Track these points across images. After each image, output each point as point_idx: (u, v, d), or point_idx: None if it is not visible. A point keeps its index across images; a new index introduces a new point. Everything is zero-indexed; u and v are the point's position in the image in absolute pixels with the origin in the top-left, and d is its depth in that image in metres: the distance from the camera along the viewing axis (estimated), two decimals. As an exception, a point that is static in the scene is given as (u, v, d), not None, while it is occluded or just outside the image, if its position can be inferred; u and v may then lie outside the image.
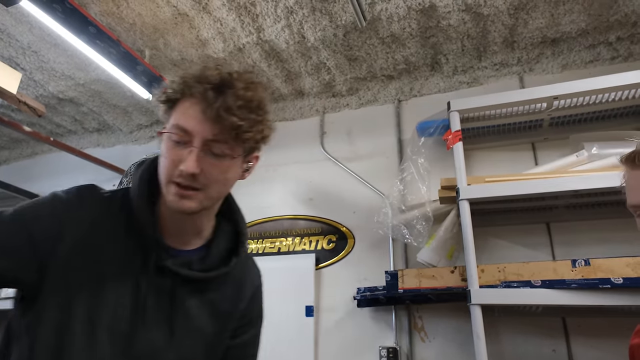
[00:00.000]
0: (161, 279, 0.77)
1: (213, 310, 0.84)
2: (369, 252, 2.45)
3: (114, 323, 0.71)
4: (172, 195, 0.73)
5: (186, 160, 0.70)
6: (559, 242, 2.09)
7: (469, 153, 2.32)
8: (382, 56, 2.51)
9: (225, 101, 0.71)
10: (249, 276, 0.95)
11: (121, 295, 0.73)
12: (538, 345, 1.97)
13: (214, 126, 0.71)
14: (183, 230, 0.81)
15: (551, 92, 1.89)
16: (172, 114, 0.75)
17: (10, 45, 2.49)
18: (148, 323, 0.74)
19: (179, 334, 0.78)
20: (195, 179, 0.71)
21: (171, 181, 0.73)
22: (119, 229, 0.76)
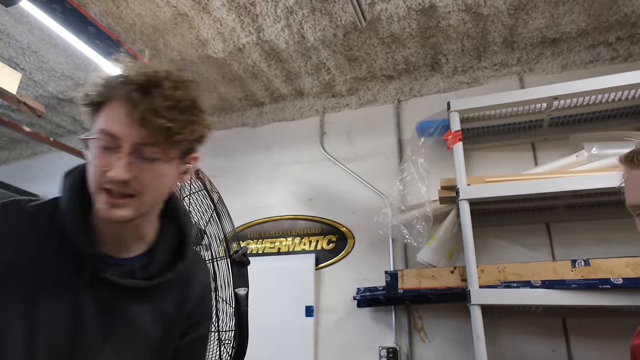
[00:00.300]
0: (100, 290, 0.73)
1: (158, 315, 0.81)
2: (369, 252, 2.45)
3: (53, 342, 0.68)
4: (103, 203, 0.69)
5: (115, 167, 0.66)
6: (559, 243, 2.09)
7: (468, 153, 2.32)
8: (382, 56, 2.51)
9: (152, 102, 0.67)
10: (197, 277, 0.91)
11: (58, 313, 0.70)
12: (538, 345, 1.97)
13: (142, 129, 0.67)
14: (122, 238, 0.78)
15: (551, 92, 1.89)
16: (98, 118, 0.71)
17: (10, 46, 2.49)
18: (88, 337, 0.72)
19: (122, 344, 0.76)
20: (127, 185, 0.68)
21: (101, 188, 0.69)
22: (51, 244, 0.72)
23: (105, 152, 0.68)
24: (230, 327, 1.27)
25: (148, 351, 0.80)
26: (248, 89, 2.87)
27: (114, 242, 0.77)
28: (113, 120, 0.68)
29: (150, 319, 0.80)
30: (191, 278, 0.89)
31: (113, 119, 0.68)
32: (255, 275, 1.54)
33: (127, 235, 0.78)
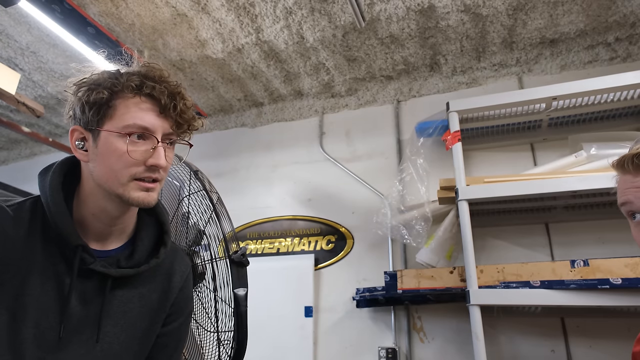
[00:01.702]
0: (88, 282, 0.76)
1: (145, 303, 0.84)
2: (368, 252, 2.45)
3: (40, 333, 0.70)
4: (139, 191, 0.73)
5: (155, 156, 0.73)
6: (558, 243, 2.09)
7: (468, 153, 2.32)
8: (381, 57, 2.51)
9: (171, 96, 0.75)
10: (179, 266, 0.94)
11: (46, 305, 0.71)
12: (537, 345, 1.97)
13: (167, 120, 0.76)
14: (108, 230, 0.80)
15: (550, 92, 1.89)
16: (112, 114, 0.73)
17: (9, 46, 2.49)
18: (78, 328, 0.73)
19: (112, 333, 0.78)
20: (163, 171, 0.76)
21: (135, 179, 0.73)
22: (34, 240, 0.73)
23: (138, 145, 0.73)
24: (230, 327, 1.27)
25: (136, 338, 0.82)
26: (247, 89, 2.87)
27: (97, 235, 0.79)
28: (141, 115, 0.73)
29: (138, 307, 0.82)
30: (174, 267, 0.92)
31: (142, 114, 0.73)
32: (255, 275, 1.54)
33: (116, 226, 0.80)
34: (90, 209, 0.77)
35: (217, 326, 1.33)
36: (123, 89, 0.73)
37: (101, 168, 0.74)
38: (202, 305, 1.41)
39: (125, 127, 0.72)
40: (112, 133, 0.72)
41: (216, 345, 1.32)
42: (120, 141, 0.72)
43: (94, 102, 0.73)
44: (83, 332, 0.74)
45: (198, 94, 2.92)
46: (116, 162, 0.73)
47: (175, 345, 0.95)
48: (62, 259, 0.74)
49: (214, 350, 1.33)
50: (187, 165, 1.52)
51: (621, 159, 0.78)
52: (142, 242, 0.84)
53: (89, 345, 0.74)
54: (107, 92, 0.73)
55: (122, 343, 0.79)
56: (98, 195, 0.76)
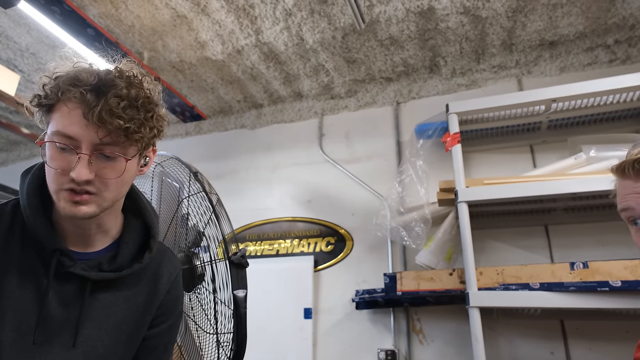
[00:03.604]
0: (68, 285, 0.74)
1: (130, 306, 0.82)
2: (368, 254, 2.45)
3: (20, 339, 0.69)
4: (65, 202, 0.69)
5: (77, 168, 0.67)
6: (557, 245, 2.09)
7: (467, 155, 2.32)
8: (381, 58, 2.52)
9: (107, 103, 0.67)
10: (166, 268, 0.91)
11: (23, 310, 0.70)
12: (536, 347, 1.97)
13: (100, 130, 0.68)
14: (86, 233, 0.78)
15: (549, 94, 1.90)
16: (51, 119, 0.70)
17: (9, 48, 2.49)
18: (59, 331, 0.73)
19: (94, 336, 0.77)
20: (89, 184, 0.69)
21: (61, 189, 0.69)
22: (13, 243, 0.73)
23: (63, 154, 0.68)
24: (229, 329, 1.26)
25: (121, 342, 0.81)
26: (247, 90, 2.87)
27: (78, 237, 0.77)
28: (70, 122, 0.67)
29: (122, 310, 0.81)
30: (161, 270, 0.89)
31: (70, 121, 0.67)
32: (254, 277, 1.54)
33: (92, 230, 0.78)
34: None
35: (217, 328, 1.33)
36: (65, 92, 0.68)
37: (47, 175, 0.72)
38: (201, 307, 1.41)
39: (52, 134, 0.69)
40: (48, 139, 0.69)
41: (215, 347, 1.32)
42: (49, 149, 0.69)
43: (38, 107, 0.71)
44: (63, 336, 0.73)
45: (198, 95, 2.92)
46: (47, 171, 0.71)
47: (164, 347, 0.93)
48: (40, 262, 0.73)
49: (214, 351, 1.32)
50: (187, 167, 1.51)
51: (621, 164, 0.77)
52: (126, 245, 0.81)
53: (69, 349, 0.73)
54: (48, 97, 0.70)
55: (106, 346, 0.78)
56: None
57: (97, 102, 0.67)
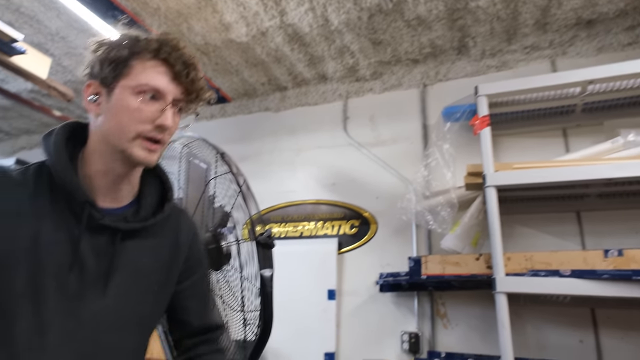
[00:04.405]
0: (99, 236, 0.78)
1: (156, 256, 0.86)
2: (392, 238, 2.43)
3: (57, 285, 0.72)
4: (142, 149, 0.77)
5: (167, 116, 0.77)
6: (590, 232, 2.03)
7: (496, 139, 2.25)
8: (408, 39, 2.46)
9: (184, 64, 0.79)
10: (185, 224, 0.96)
11: (59, 259, 0.74)
12: (565, 335, 1.93)
13: (179, 86, 0.79)
14: (117, 188, 0.82)
15: (586, 76, 1.82)
16: (128, 73, 0.77)
17: (40, 32, 2.54)
18: (92, 283, 0.76)
19: (125, 287, 0.80)
20: (167, 132, 0.78)
21: (140, 136, 0.76)
22: (42, 201, 0.75)
23: (148, 104, 0.77)
24: (256, 307, 1.29)
25: (152, 292, 0.85)
26: (271, 73, 2.86)
27: (106, 194, 0.81)
28: (155, 77, 0.77)
29: (151, 261, 0.85)
30: (180, 225, 0.94)
31: (154, 76, 0.77)
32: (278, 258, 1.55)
33: (123, 184, 0.82)
34: (95, 167, 0.79)
35: (243, 306, 1.35)
36: (142, 50, 0.77)
37: (110, 123, 0.77)
38: (228, 286, 1.44)
39: (140, 85, 0.76)
40: (126, 90, 0.76)
41: (242, 325, 1.34)
42: (132, 98, 0.76)
43: (112, 60, 0.77)
44: (96, 285, 0.76)
45: (222, 78, 2.93)
46: (126, 118, 0.76)
47: (203, 294, 0.99)
48: (71, 215, 0.76)
49: (240, 330, 1.35)
50: (214, 148, 1.53)
51: None
52: (146, 199, 0.87)
53: (102, 297, 0.77)
54: (127, 52, 0.77)
55: (137, 295, 0.82)
56: (103, 153, 0.79)
57: (176, 61, 0.78)
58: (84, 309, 0.75)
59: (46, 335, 0.70)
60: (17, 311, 0.69)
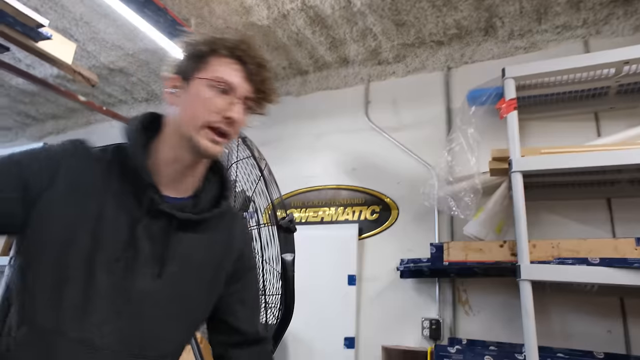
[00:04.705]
0: (156, 222, 0.80)
1: (208, 250, 0.88)
2: (414, 223, 2.41)
3: (111, 261, 0.75)
4: (208, 139, 0.81)
5: (236, 109, 0.81)
6: (621, 219, 1.96)
7: (523, 123, 2.18)
8: (432, 20, 2.38)
9: (257, 65, 0.84)
10: (239, 227, 0.98)
11: (117, 237, 0.77)
12: (592, 325, 1.89)
13: (249, 84, 0.84)
14: (180, 178, 0.86)
15: (621, 56, 1.73)
16: (205, 67, 0.83)
17: (64, 17, 2.57)
18: (144, 263, 0.78)
19: (178, 274, 0.82)
20: (234, 126, 0.82)
21: (208, 126, 0.80)
22: (112, 179, 0.80)
23: (220, 96, 0.81)
24: (278, 290, 1.29)
25: (203, 283, 0.87)
26: (292, 57, 2.83)
27: (169, 183, 0.84)
28: (230, 73, 0.82)
29: (203, 255, 0.87)
30: (235, 224, 0.97)
31: (229, 72, 0.82)
32: (299, 243, 1.55)
33: (188, 177, 0.86)
34: (164, 155, 0.84)
35: (265, 290, 1.36)
36: (219, 48, 0.83)
37: (184, 111, 0.83)
38: (250, 269, 1.45)
39: (214, 78, 0.82)
40: (201, 82, 0.82)
41: (263, 308, 1.36)
42: (206, 89, 0.81)
43: (192, 55, 0.84)
44: (149, 268, 0.79)
45: (243, 62, 2.92)
46: (198, 107, 0.81)
47: (251, 300, 1.00)
48: (134, 198, 0.80)
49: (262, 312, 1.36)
50: (235, 132, 1.52)
51: None
52: (205, 194, 0.89)
53: (154, 281, 0.79)
54: (206, 48, 0.83)
55: (187, 285, 0.84)
56: (174, 141, 0.83)
57: (250, 61, 0.84)
58: (133, 289, 0.77)
59: (92, 309, 0.73)
60: (69, 280, 0.72)
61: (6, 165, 0.75)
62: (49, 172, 0.75)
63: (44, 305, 0.71)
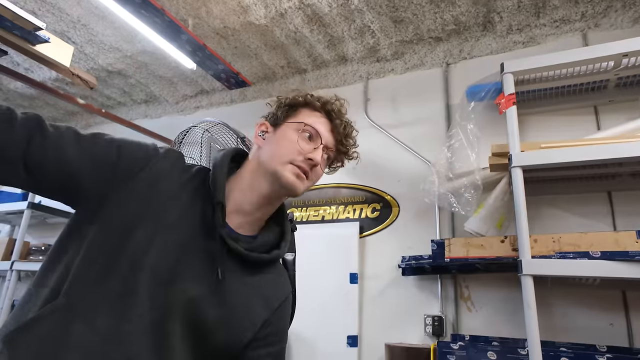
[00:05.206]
0: (210, 244, 0.81)
1: (252, 291, 0.87)
2: (414, 221, 2.41)
3: (159, 261, 0.76)
4: (291, 173, 0.86)
5: (318, 152, 0.88)
6: (622, 212, 1.96)
7: (523, 118, 2.18)
8: (430, 17, 2.38)
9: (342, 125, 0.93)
10: (284, 283, 0.97)
11: (173, 241, 0.78)
12: (594, 318, 1.89)
13: (332, 139, 0.92)
14: (248, 212, 0.88)
15: (620, 48, 1.72)
16: (296, 115, 0.92)
17: (62, 20, 2.57)
18: (186, 276, 0.78)
19: (216, 297, 0.81)
20: (315, 171, 0.88)
21: (292, 163, 0.86)
22: (189, 189, 0.85)
23: (306, 140, 0.89)
24: (279, 290, 1.29)
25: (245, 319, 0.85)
26: (290, 55, 2.83)
27: (236, 215, 0.88)
28: (319, 124, 0.91)
29: (245, 291, 0.86)
30: (281, 280, 0.96)
31: (319, 123, 0.91)
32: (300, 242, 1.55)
33: (255, 212, 0.89)
34: (241, 185, 0.89)
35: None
36: (312, 102, 0.92)
37: (270, 150, 0.89)
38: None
39: (303, 123, 0.90)
40: (291, 126, 0.90)
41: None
42: (294, 133, 0.89)
43: (287, 104, 0.93)
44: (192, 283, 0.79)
45: (242, 62, 2.92)
46: (284, 146, 0.88)
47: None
48: (200, 214, 0.83)
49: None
50: (234, 132, 1.52)
51: None
52: (262, 237, 0.91)
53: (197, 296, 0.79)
54: (300, 100, 0.93)
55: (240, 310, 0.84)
56: (256, 173, 0.89)
57: (336, 119, 0.92)
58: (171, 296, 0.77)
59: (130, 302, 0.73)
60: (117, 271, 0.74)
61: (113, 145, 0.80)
62: (140, 164, 0.81)
63: (88, 283, 0.72)
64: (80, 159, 0.76)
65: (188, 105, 3.47)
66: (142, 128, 3.00)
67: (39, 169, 0.73)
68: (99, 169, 0.78)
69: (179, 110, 3.51)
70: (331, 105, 0.94)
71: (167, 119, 3.55)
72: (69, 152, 0.75)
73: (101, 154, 0.79)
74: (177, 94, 3.43)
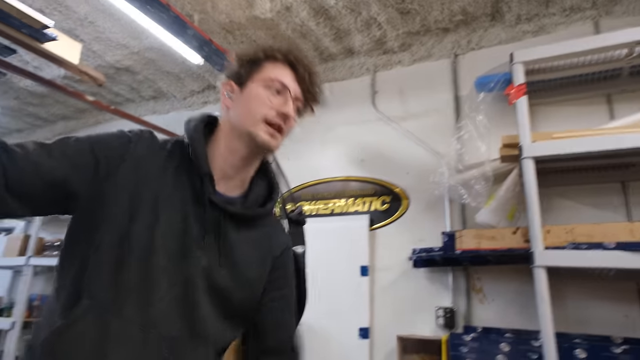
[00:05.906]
0: (206, 212, 0.84)
1: (254, 245, 0.91)
2: (424, 213, 2.40)
3: (167, 240, 0.79)
4: (264, 132, 0.86)
5: (286, 106, 0.88)
6: (637, 203, 1.93)
7: (533, 109, 2.15)
8: (437, 7, 2.35)
9: (307, 71, 0.92)
10: (281, 232, 1.01)
11: (172, 218, 0.81)
12: (608, 310, 1.87)
13: (299, 87, 0.91)
14: (232, 175, 0.90)
15: (633, 36, 1.69)
16: (260, 71, 0.91)
17: (69, 18, 2.58)
18: (195, 247, 0.82)
19: (225, 260, 0.84)
20: (288, 122, 0.88)
21: (265, 121, 0.86)
22: (171, 166, 0.86)
23: (275, 95, 0.89)
24: (291, 284, 1.29)
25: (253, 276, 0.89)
26: (297, 49, 2.81)
27: (221, 178, 0.89)
28: (284, 76, 0.90)
29: (247, 247, 0.89)
30: (277, 228, 1.00)
31: (283, 75, 0.90)
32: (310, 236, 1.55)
33: (239, 172, 0.91)
34: (220, 150, 0.89)
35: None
36: (274, 54, 0.91)
37: (240, 111, 0.89)
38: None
39: (270, 79, 0.89)
40: (257, 82, 0.90)
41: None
42: (262, 89, 0.89)
43: (249, 61, 0.92)
44: (199, 252, 0.82)
45: (248, 56, 2.90)
46: (254, 105, 0.88)
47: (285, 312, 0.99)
48: (188, 187, 0.85)
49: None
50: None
51: None
52: (254, 194, 0.94)
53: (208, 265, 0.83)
54: (261, 54, 0.91)
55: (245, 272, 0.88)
56: (230, 137, 0.89)
57: (301, 67, 0.91)
58: (187, 267, 0.80)
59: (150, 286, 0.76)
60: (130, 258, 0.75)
61: (84, 144, 0.82)
62: (118, 155, 0.81)
63: (105, 280, 0.74)
64: (60, 166, 0.77)
65: (196, 101, 3.48)
66: (150, 124, 3.01)
67: (26, 192, 0.74)
68: (80, 171, 0.79)
69: (187, 105, 3.52)
70: (293, 54, 0.92)
71: (175, 115, 3.56)
72: (46, 164, 0.76)
73: (77, 156, 0.80)
74: (184, 90, 3.44)
